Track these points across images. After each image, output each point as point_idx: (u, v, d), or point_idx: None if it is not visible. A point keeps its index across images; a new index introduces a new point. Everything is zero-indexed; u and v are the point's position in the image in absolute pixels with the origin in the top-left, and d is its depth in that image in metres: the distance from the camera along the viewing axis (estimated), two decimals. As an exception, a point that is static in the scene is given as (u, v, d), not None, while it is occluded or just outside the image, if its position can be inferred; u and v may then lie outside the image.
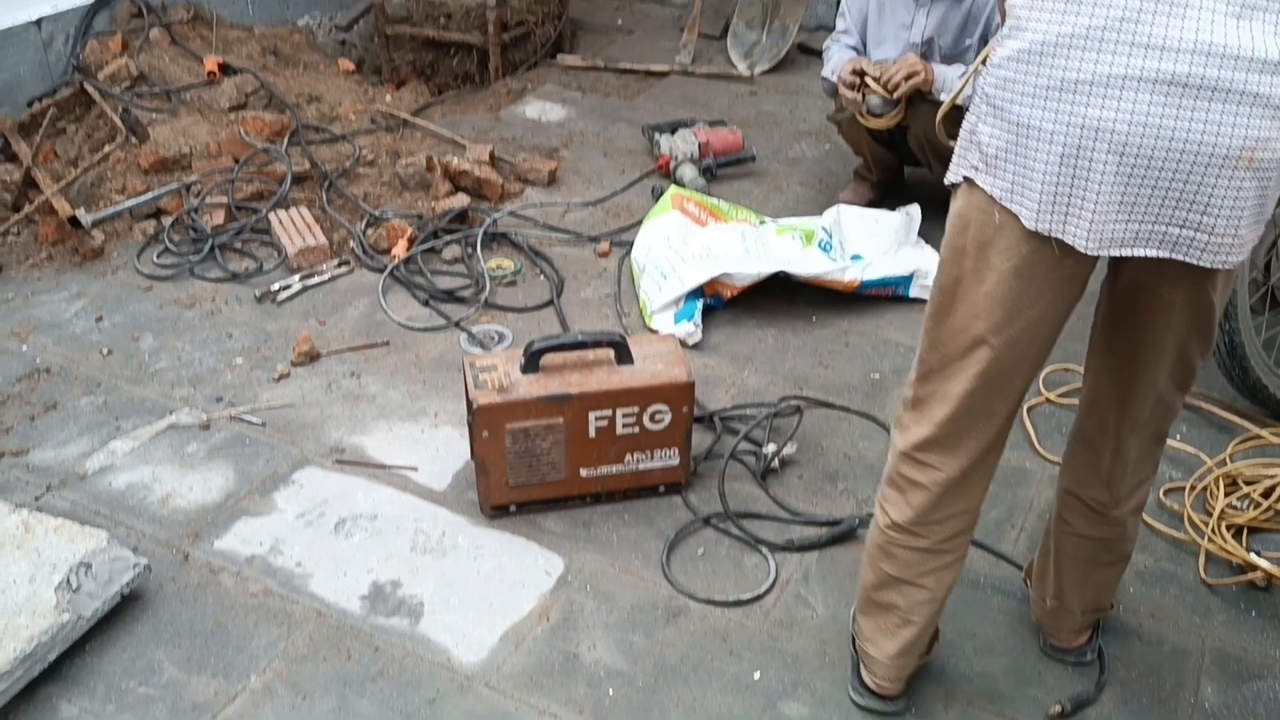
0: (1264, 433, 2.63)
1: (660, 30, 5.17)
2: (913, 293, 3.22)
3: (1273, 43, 1.38)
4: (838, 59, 3.42)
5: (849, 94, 3.28)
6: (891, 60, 3.29)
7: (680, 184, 3.73)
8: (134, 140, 3.44)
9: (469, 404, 2.33)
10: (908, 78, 3.21)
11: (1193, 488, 2.48)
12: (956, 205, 1.65)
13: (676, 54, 4.86)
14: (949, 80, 3.24)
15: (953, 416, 1.71)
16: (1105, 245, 1.51)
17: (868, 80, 3.29)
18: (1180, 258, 1.51)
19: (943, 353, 1.70)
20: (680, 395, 2.38)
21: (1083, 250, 1.51)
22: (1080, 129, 1.44)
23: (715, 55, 4.89)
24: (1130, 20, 1.40)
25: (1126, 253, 1.51)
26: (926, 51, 3.34)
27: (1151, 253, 1.51)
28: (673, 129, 4.01)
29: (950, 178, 1.65)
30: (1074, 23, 1.43)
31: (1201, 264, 1.51)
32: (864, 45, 3.48)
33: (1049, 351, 1.69)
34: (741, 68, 4.74)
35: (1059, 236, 1.51)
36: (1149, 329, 1.71)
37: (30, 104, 3.88)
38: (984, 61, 1.67)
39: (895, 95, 3.26)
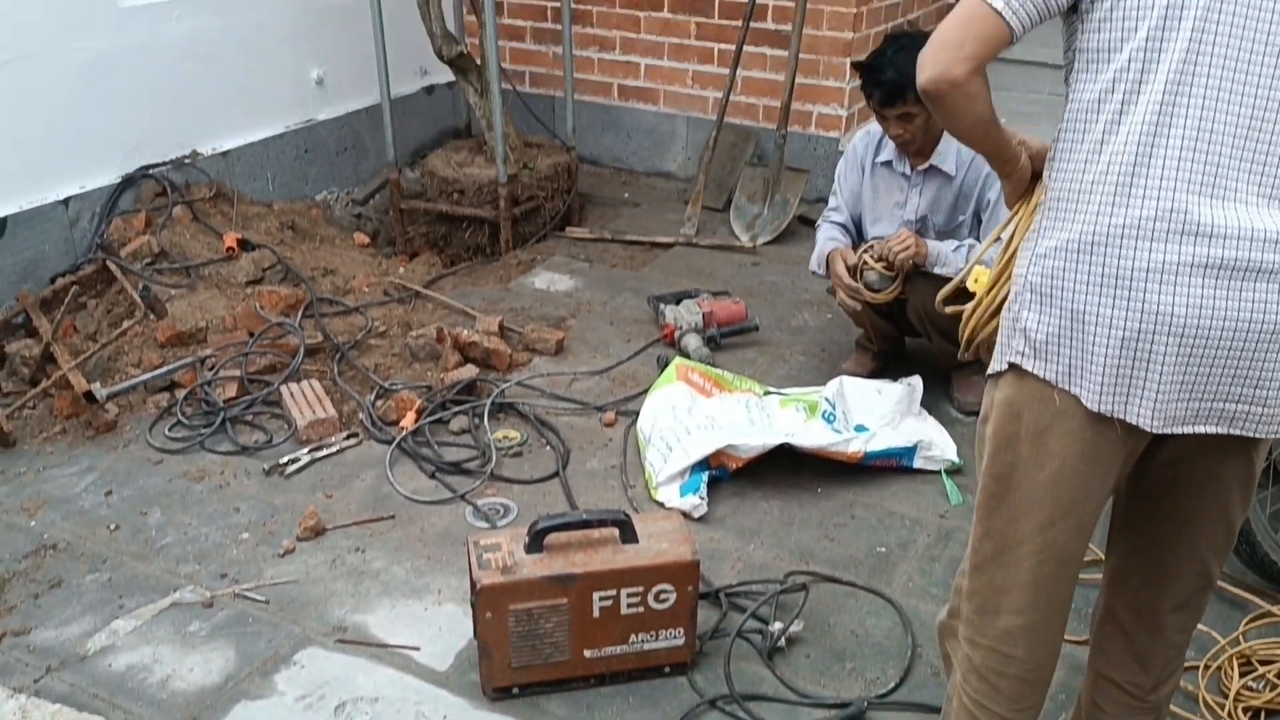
0: (1275, 610, 2.59)
1: (665, 203, 5.33)
2: (916, 464, 3.23)
3: None
4: (821, 245, 3.55)
5: (849, 299, 3.40)
6: (886, 237, 3.40)
7: (685, 354, 3.80)
8: (152, 317, 3.53)
9: (473, 584, 2.32)
10: (903, 252, 3.31)
11: (1206, 667, 2.44)
12: (1003, 393, 1.67)
13: (681, 226, 5.00)
14: (943, 254, 3.34)
15: (1029, 604, 1.70)
16: (1169, 424, 1.56)
17: (865, 257, 3.40)
18: (1237, 432, 1.57)
19: (999, 542, 1.70)
20: (685, 574, 2.37)
21: (1147, 430, 1.56)
22: (1140, 315, 1.51)
23: (719, 227, 5.04)
24: (1179, 211, 1.49)
25: (1188, 430, 1.56)
26: (921, 228, 3.46)
27: (1211, 429, 1.57)
28: (677, 299, 4.10)
29: (994, 367, 1.68)
30: (1124, 215, 1.51)
31: (1255, 435, 1.57)
32: (856, 222, 3.60)
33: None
34: (744, 239, 4.87)
35: (1122, 417, 1.55)
36: (1194, 501, 1.73)
37: (54, 280, 4.00)
38: (996, 242, 1.73)
39: (894, 272, 3.35)
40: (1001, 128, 1.69)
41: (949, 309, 1.94)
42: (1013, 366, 1.64)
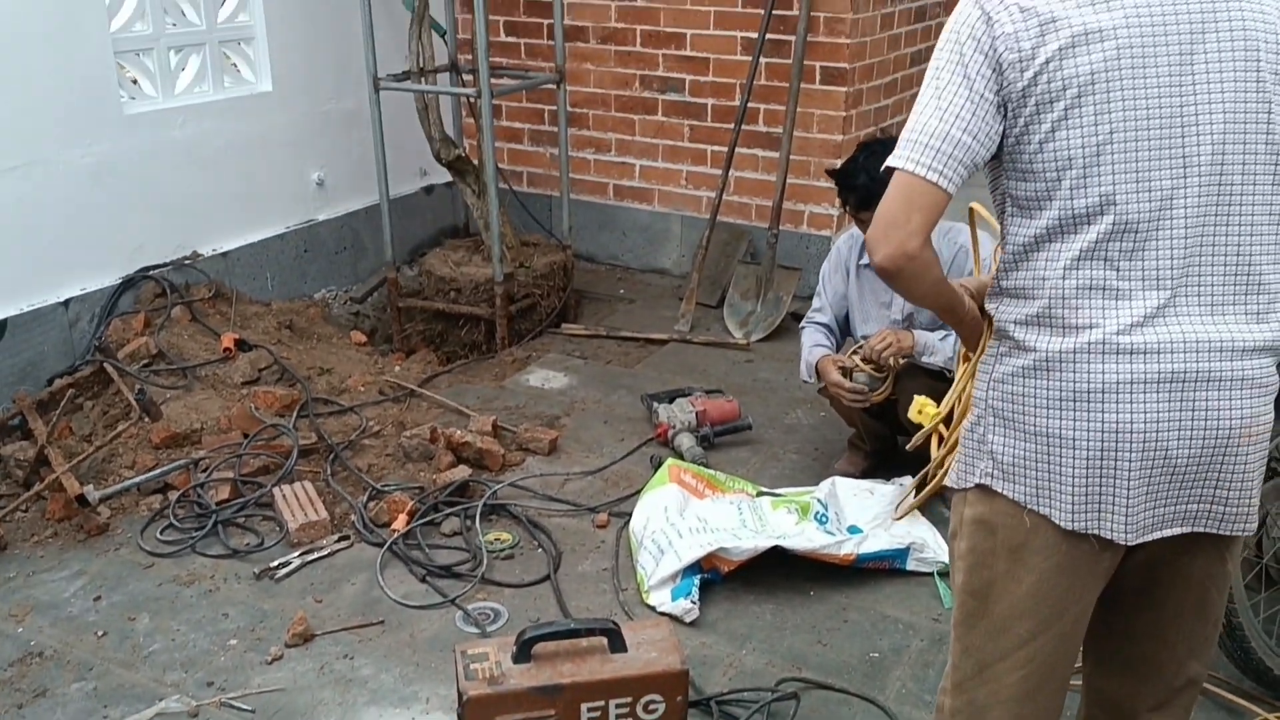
0: (1271, 717, 2.56)
1: (660, 299, 5.39)
2: (910, 565, 3.22)
3: (1246, 333, 1.57)
4: (808, 352, 3.59)
5: (844, 393, 3.43)
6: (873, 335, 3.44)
7: (678, 453, 3.81)
8: (147, 419, 3.55)
9: (459, 695, 2.30)
10: (885, 350, 3.35)
11: (1205, 778, 2.40)
12: (973, 510, 1.71)
13: (676, 323, 5.05)
14: (930, 343, 3.39)
15: (1017, 717, 1.70)
16: (1141, 533, 1.61)
17: (855, 359, 3.43)
18: (1203, 529, 1.63)
19: (980, 659, 1.71)
20: (674, 685, 2.35)
21: (1122, 543, 1.61)
22: (1102, 433, 1.57)
23: (713, 324, 5.08)
24: (1124, 332, 1.55)
25: (1158, 535, 1.62)
26: (908, 325, 3.50)
27: (1180, 530, 1.62)
28: (671, 398, 4.12)
29: (960, 483, 1.70)
30: (1075, 340, 1.57)
31: (1223, 533, 1.63)
32: (841, 323, 3.66)
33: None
34: (738, 336, 4.92)
35: (1096, 532, 1.60)
36: (1168, 601, 1.75)
37: (52, 381, 4.04)
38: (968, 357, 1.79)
39: (883, 373, 3.39)
40: (949, 282, 1.75)
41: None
42: (981, 485, 1.66)
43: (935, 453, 1.99)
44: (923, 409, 2.37)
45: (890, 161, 1.59)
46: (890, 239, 1.59)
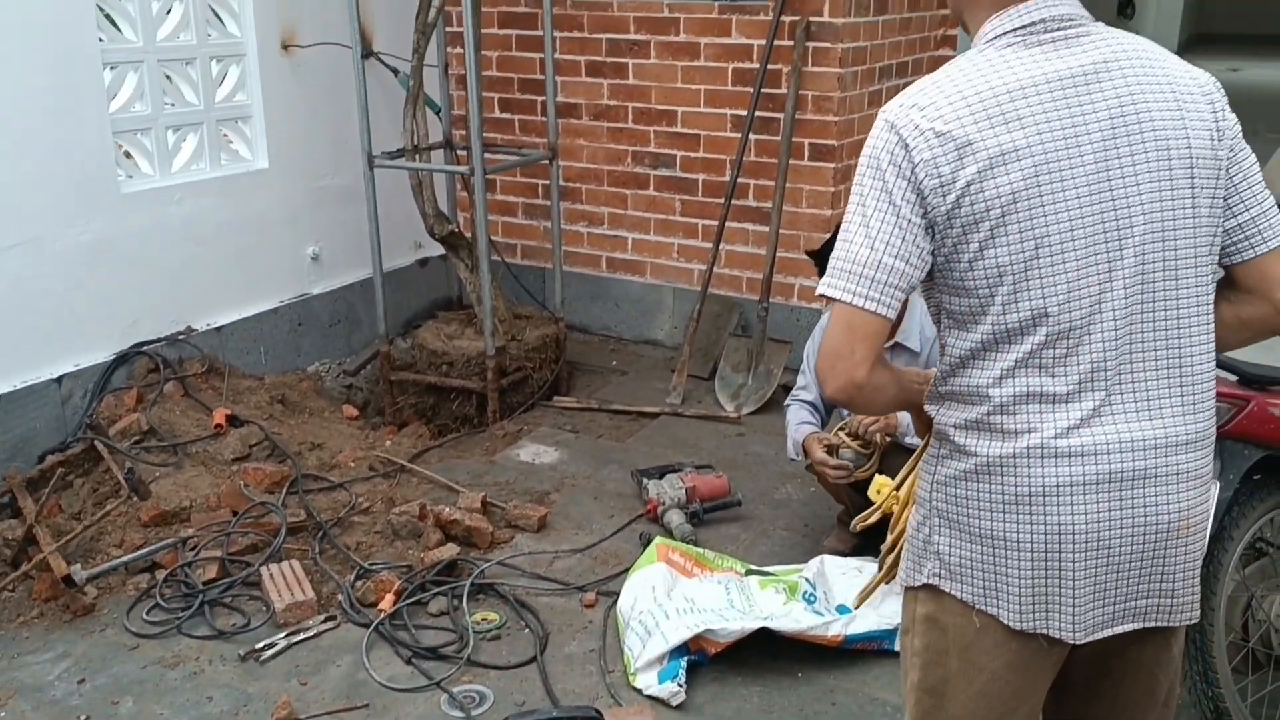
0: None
1: (652, 371, 5.42)
2: (898, 646, 3.20)
3: (1181, 426, 1.61)
4: (793, 431, 3.61)
5: (829, 471, 3.44)
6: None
7: (668, 529, 3.81)
8: (135, 498, 3.56)
9: (440, 786, 2.29)
10: (872, 425, 3.37)
11: None
12: (924, 608, 1.73)
13: (667, 395, 5.07)
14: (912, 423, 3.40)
15: None
16: (1089, 631, 1.63)
17: (841, 435, 3.45)
18: (1152, 624, 1.65)
19: None
20: (656, 774, 2.34)
21: (1070, 641, 1.63)
22: (1045, 534, 1.59)
23: (704, 396, 5.11)
24: (1062, 436, 1.58)
25: (1108, 633, 1.64)
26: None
27: (1129, 627, 1.65)
28: (661, 473, 4.13)
29: (909, 581, 1.72)
30: (1014, 445, 1.60)
31: (1170, 624, 1.66)
32: (827, 400, 3.67)
33: None
34: (729, 409, 4.94)
35: (1045, 632, 1.62)
36: (1118, 692, 1.76)
37: (43, 458, 4.04)
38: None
39: (869, 449, 3.40)
40: (903, 383, 1.77)
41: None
42: (929, 585, 1.70)
43: (889, 538, 2.01)
44: (881, 488, 2.41)
45: (826, 291, 1.61)
46: (839, 372, 1.61)
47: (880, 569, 2.06)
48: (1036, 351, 1.57)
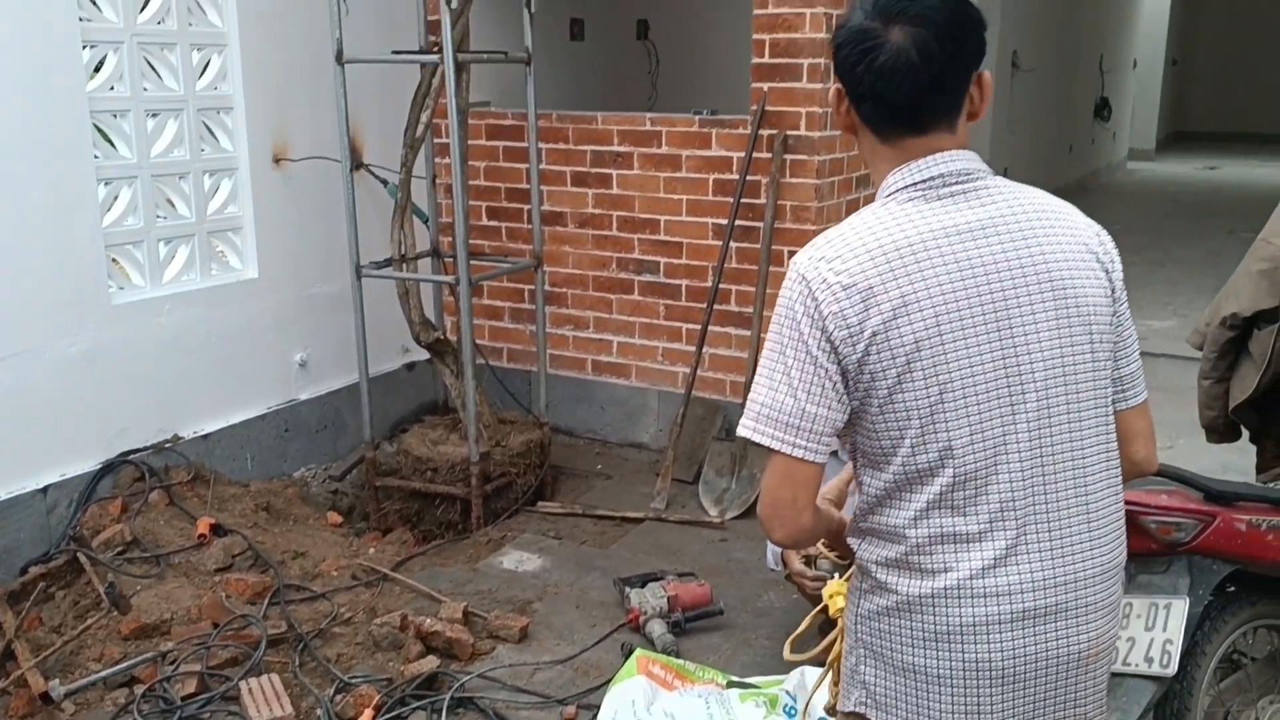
0: None
1: (637, 475, 5.45)
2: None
3: (1089, 560, 1.72)
4: (772, 548, 3.64)
5: (807, 582, 3.47)
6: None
7: (650, 640, 3.80)
8: (116, 612, 3.56)
9: None
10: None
11: None
12: None
13: (651, 500, 5.10)
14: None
15: None
16: None
17: (820, 545, 3.47)
18: None
19: None
20: None
21: None
22: (963, 668, 1.67)
23: (688, 500, 5.13)
24: (978, 576, 1.67)
25: None
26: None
27: None
28: (643, 582, 4.13)
29: (841, 707, 1.79)
30: (932, 584, 1.68)
31: None
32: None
33: None
34: (713, 513, 4.96)
35: None
36: None
37: (25, 569, 4.05)
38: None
39: (847, 560, 3.42)
40: (833, 517, 1.91)
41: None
42: (857, 713, 1.78)
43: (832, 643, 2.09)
44: (835, 593, 2.49)
45: (755, 438, 1.69)
46: (783, 520, 1.71)
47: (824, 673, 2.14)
48: (947, 493, 1.65)
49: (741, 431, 1.72)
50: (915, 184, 1.71)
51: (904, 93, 1.68)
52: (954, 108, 1.71)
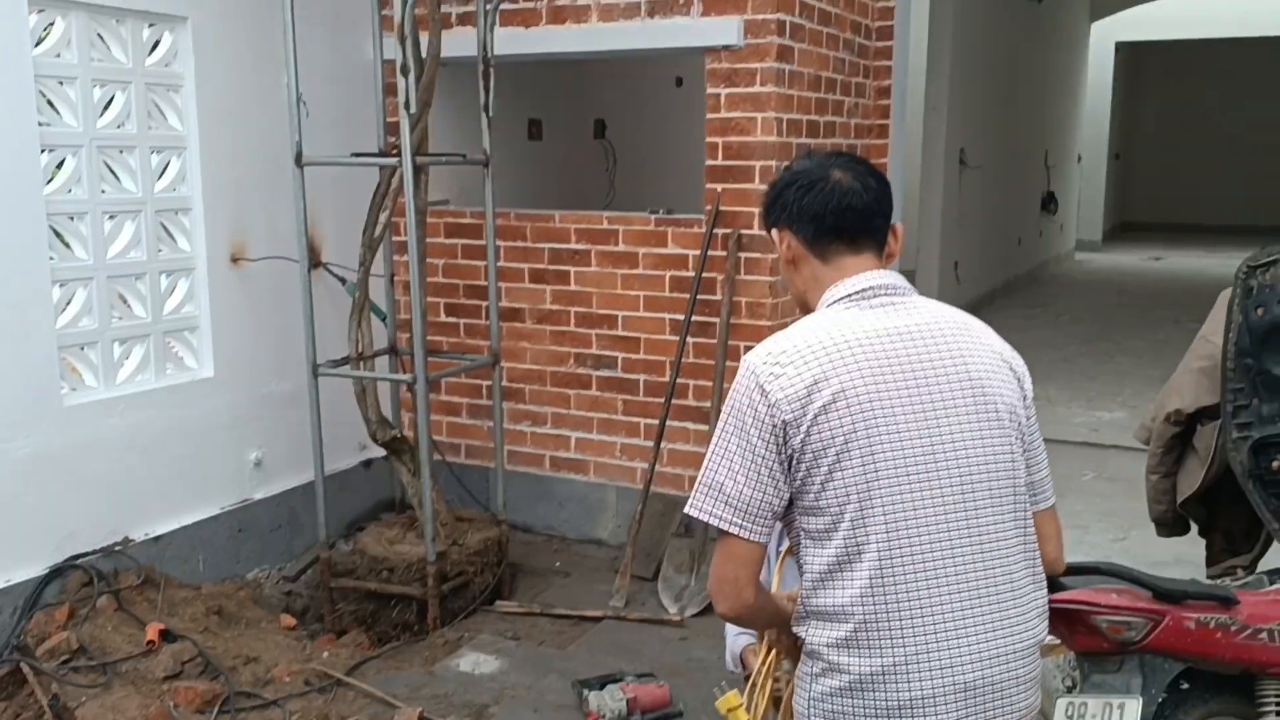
0: None
1: (596, 572, 5.41)
2: None
3: (1016, 638, 1.90)
4: (731, 641, 3.61)
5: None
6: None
7: (608, 744, 3.75)
8: (59, 725, 3.46)
9: None
10: None
11: None
12: None
13: (610, 598, 5.06)
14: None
15: None
16: None
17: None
18: None
19: None
20: None
21: None
22: None
23: (648, 598, 5.10)
24: (923, 652, 1.82)
25: None
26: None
27: None
28: (602, 684, 4.09)
29: None
30: (882, 661, 1.82)
31: None
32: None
33: None
34: (672, 610, 4.93)
35: None
36: None
37: (-36, 681, 3.93)
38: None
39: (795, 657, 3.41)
40: (778, 603, 2.09)
41: None
42: None
43: None
44: (732, 708, 2.64)
45: (701, 517, 1.93)
46: (728, 594, 1.93)
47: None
48: (887, 567, 1.81)
49: (689, 509, 1.93)
50: (851, 295, 2.00)
51: (845, 210, 2.04)
52: (881, 236, 2.06)
